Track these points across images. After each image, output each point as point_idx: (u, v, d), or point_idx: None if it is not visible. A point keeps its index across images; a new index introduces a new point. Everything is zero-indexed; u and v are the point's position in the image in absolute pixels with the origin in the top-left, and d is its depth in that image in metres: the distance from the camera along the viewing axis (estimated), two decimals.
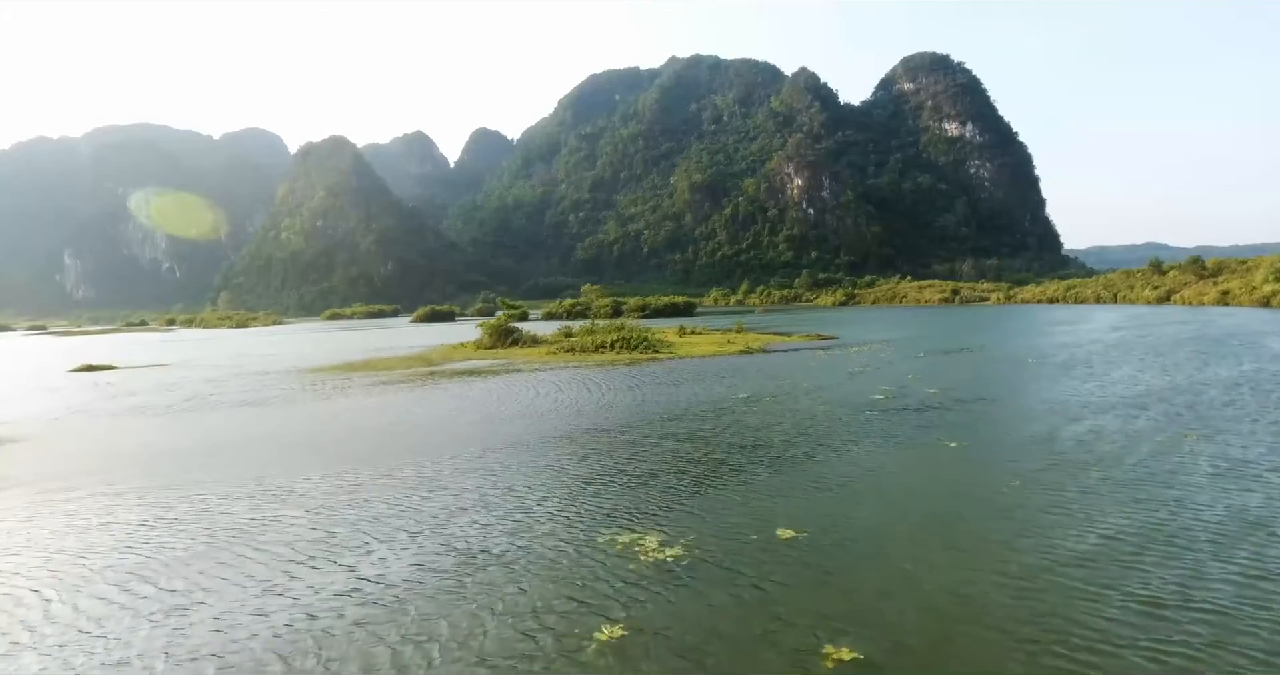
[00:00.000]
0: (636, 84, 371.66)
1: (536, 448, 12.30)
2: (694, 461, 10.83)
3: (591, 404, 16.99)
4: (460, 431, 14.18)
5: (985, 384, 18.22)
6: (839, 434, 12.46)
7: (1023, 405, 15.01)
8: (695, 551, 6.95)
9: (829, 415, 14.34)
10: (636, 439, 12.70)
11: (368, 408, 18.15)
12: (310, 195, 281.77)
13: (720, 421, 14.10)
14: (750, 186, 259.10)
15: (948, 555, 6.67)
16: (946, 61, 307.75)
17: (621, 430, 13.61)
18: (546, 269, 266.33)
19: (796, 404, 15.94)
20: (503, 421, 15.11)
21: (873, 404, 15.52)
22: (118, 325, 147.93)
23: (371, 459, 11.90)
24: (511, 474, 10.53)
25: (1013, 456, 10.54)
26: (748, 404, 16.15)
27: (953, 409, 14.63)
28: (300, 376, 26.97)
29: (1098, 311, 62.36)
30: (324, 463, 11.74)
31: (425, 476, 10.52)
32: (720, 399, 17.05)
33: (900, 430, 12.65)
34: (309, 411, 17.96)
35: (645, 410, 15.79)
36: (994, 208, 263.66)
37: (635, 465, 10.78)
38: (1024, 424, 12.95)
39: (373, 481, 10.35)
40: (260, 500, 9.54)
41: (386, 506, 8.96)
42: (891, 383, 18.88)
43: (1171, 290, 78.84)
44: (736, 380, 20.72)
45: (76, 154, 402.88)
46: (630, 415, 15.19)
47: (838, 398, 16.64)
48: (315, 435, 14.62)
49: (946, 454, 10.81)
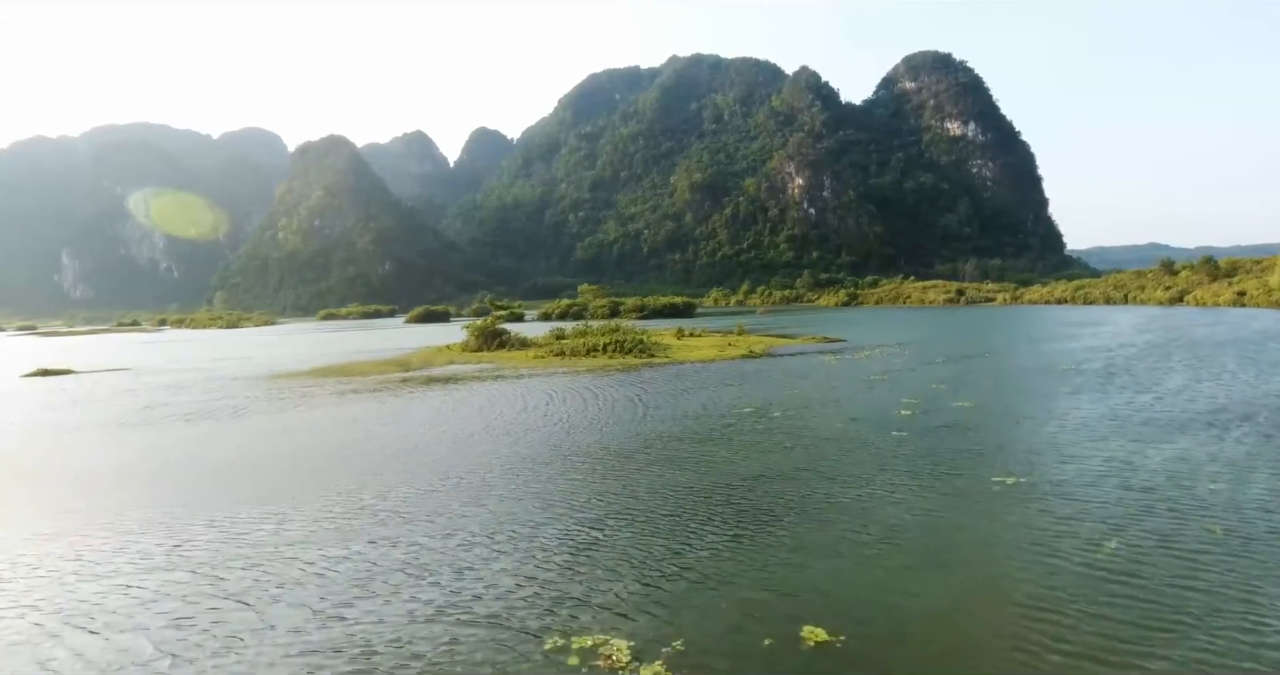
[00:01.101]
0: (637, 83, 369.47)
1: (498, 484, 10.08)
2: (689, 509, 8.60)
3: (573, 420, 14.78)
4: (413, 458, 11.97)
5: (1024, 396, 16.00)
6: (868, 465, 10.23)
7: (1077, 423, 12.79)
8: (683, 670, 4.75)
9: (852, 437, 12.12)
10: (619, 471, 10.48)
11: (323, 423, 15.95)
12: (308, 194, 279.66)
13: (723, 446, 11.87)
14: (751, 186, 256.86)
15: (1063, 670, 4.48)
16: (948, 60, 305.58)
17: (602, 457, 11.39)
18: (546, 269, 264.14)
19: (812, 421, 13.73)
20: (465, 443, 12.90)
21: (899, 421, 13.30)
22: (109, 325, 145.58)
23: (299, 492, 9.72)
24: (457, 523, 8.32)
25: (1093, 498, 8.34)
26: (755, 420, 13.94)
27: (995, 429, 12.41)
28: (266, 384, 24.78)
29: (1112, 313, 60.11)
30: (240, 497, 9.56)
31: (349, 524, 8.32)
32: (723, 414, 14.85)
33: (941, 459, 10.43)
34: (258, 427, 15.77)
35: (633, 428, 13.59)
36: (996, 207, 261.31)
37: (615, 513, 8.57)
38: (1088, 449, 10.74)
39: (280, 527, 8.17)
40: (120, 555, 7.35)
41: (272, 578, 6.73)
42: (915, 393, 16.68)
43: (1184, 291, 76.71)
44: (740, 389, 18.52)
45: (75, 153, 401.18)
46: (614, 436, 12.97)
47: (858, 412, 14.43)
48: (248, 458, 12.42)
49: (1008, 496, 8.59)
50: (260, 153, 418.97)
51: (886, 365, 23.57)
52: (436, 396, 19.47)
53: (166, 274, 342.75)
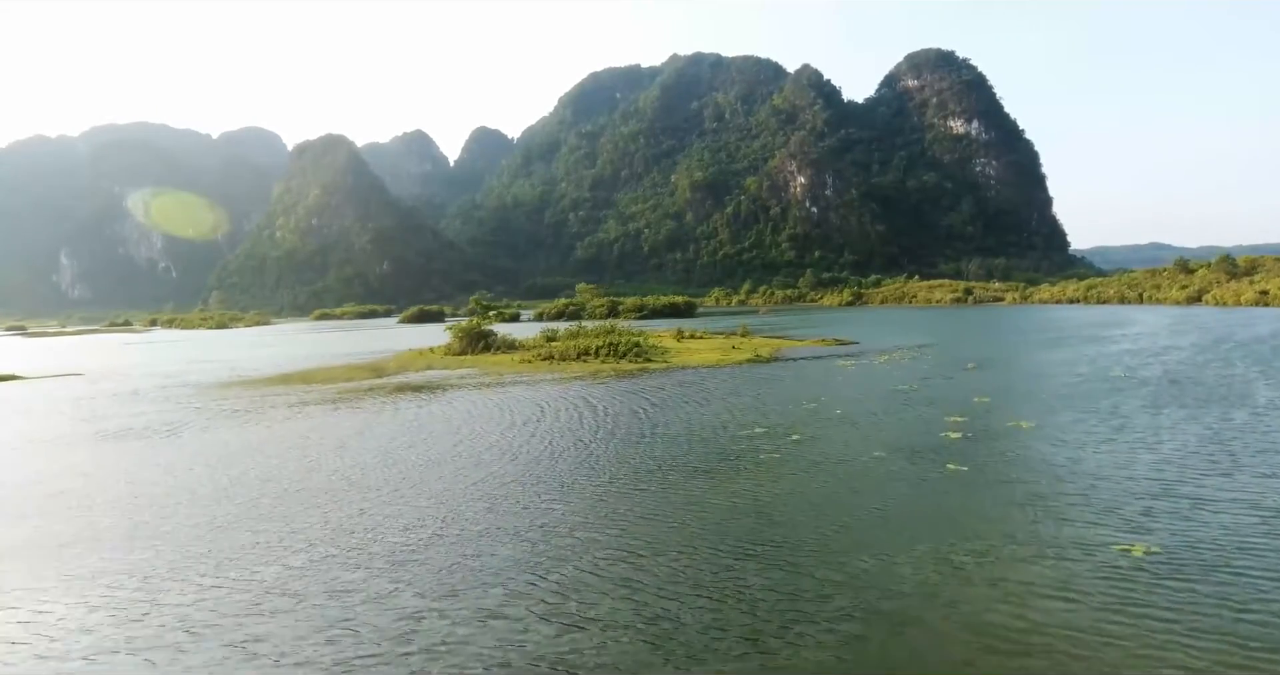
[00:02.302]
0: (637, 82, 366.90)
1: (420, 550, 7.55)
2: (682, 621, 6.05)
3: (550, 445, 12.23)
4: (350, 501, 9.43)
5: (1094, 414, 13.40)
6: (929, 523, 7.65)
7: (1181, 451, 10.19)
8: None
9: (897, 475, 9.55)
10: (584, 533, 7.94)
11: (264, 445, 13.42)
12: (305, 194, 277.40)
13: (727, 491, 9.30)
14: (752, 185, 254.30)
15: None
16: (951, 58, 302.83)
17: (566, 506, 8.86)
18: (546, 268, 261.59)
19: (839, 448, 11.16)
20: (423, 474, 10.37)
21: (950, 449, 10.75)
22: (102, 326, 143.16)
23: (170, 562, 7.20)
24: (380, 619, 5.77)
25: (1266, 573, 5.80)
26: (768, 447, 11.39)
27: (1080, 463, 9.82)
28: (223, 392, 22.28)
29: (1131, 312, 57.49)
30: (108, 554, 7.04)
31: (216, 623, 5.78)
32: (727, 439, 12.29)
33: (1028, 512, 7.82)
34: (188, 450, 13.25)
35: (613, 457, 11.04)
36: (1000, 206, 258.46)
37: (573, 625, 6.03)
38: (1218, 492, 8.17)
39: (112, 617, 5.64)
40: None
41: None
42: (957, 408, 14.13)
43: (1202, 290, 74.30)
44: (747, 402, 15.98)
45: (74, 153, 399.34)
46: (587, 471, 10.43)
47: (895, 436, 11.87)
48: (146, 499, 9.90)
49: (1146, 574, 6.04)
50: (260, 152, 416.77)
51: (912, 372, 21.01)
52: (404, 409, 16.94)
53: (165, 274, 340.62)
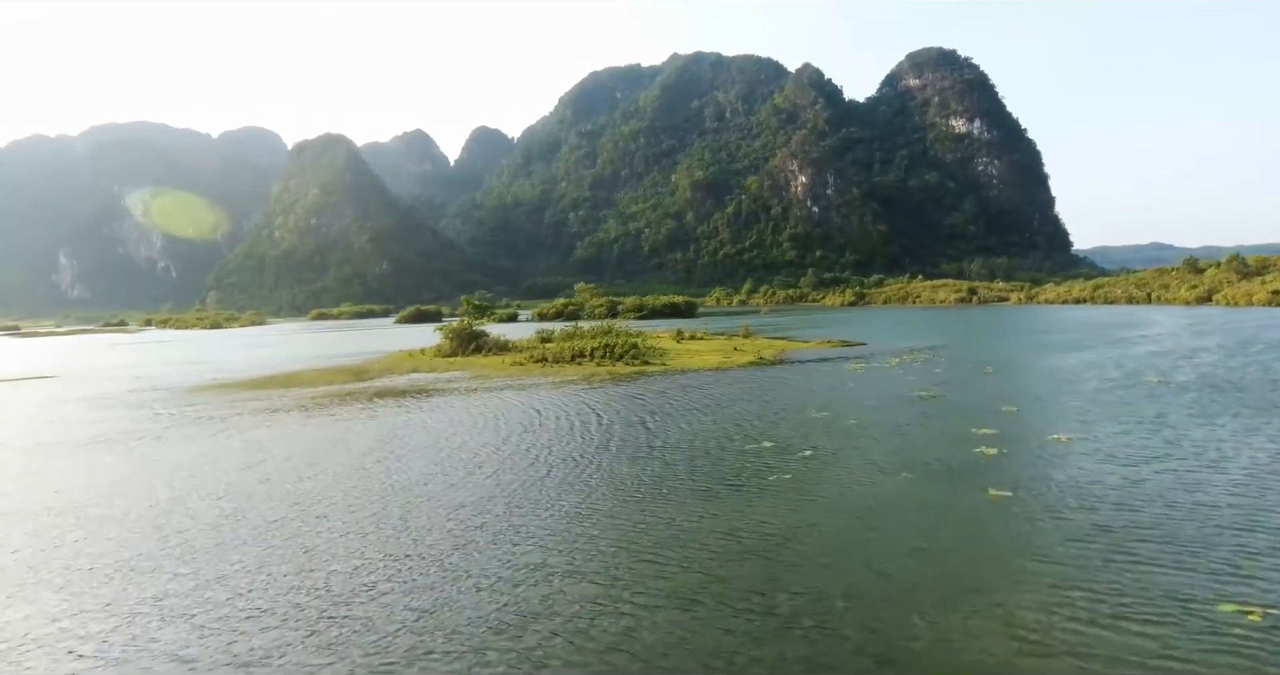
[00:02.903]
0: (638, 81, 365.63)
1: (366, 602, 6.22)
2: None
3: (522, 465, 10.92)
4: (276, 536, 8.12)
5: (1140, 425, 12.03)
6: (993, 571, 6.32)
7: (1260, 470, 8.89)
8: None
9: (929, 503, 8.21)
10: (564, 581, 6.61)
11: (217, 461, 12.11)
12: (304, 193, 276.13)
13: (733, 525, 7.97)
14: (753, 184, 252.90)
15: None
16: (953, 57, 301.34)
17: (546, 543, 7.54)
18: (546, 268, 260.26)
19: (858, 469, 9.83)
20: (390, 502, 9.05)
21: (987, 470, 9.41)
22: (96, 326, 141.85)
23: (34, 608, 5.89)
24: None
25: None
26: (777, 463, 10.07)
27: (1139, 485, 8.49)
28: (192, 397, 20.97)
29: (1142, 313, 56.12)
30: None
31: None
32: (731, 455, 10.96)
33: (1108, 558, 6.51)
34: (127, 464, 11.94)
35: (601, 479, 9.72)
36: (1002, 206, 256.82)
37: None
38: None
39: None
40: None
41: None
42: (984, 418, 12.79)
43: (1212, 290, 72.97)
44: (752, 410, 14.64)
45: (73, 152, 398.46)
46: (573, 497, 9.10)
47: (920, 452, 10.54)
48: (48, 523, 8.59)
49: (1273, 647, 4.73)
50: (259, 152, 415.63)
51: (926, 376, 19.67)
52: (380, 417, 15.62)
53: (164, 273, 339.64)
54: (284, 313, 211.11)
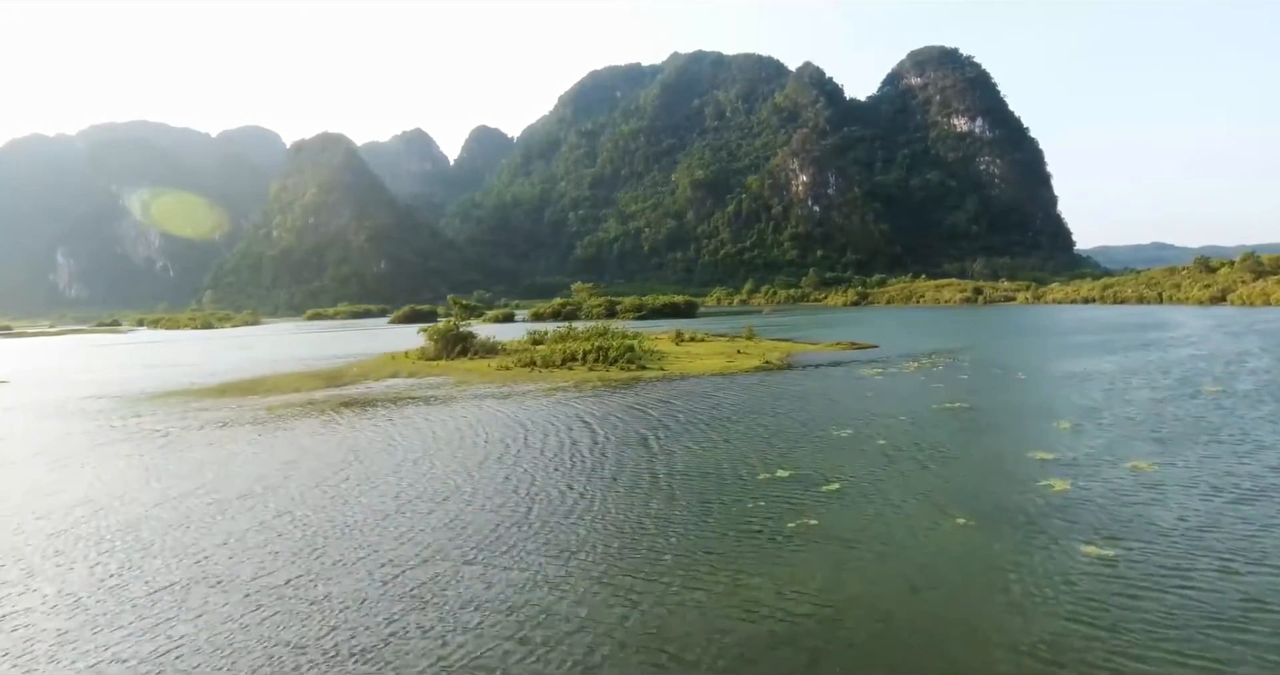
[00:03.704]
0: (638, 80, 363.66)
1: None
2: None
3: (487, 501, 9.02)
4: (171, 597, 6.23)
5: (1226, 445, 10.10)
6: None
7: None
8: None
9: (1012, 562, 6.30)
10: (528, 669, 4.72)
11: (131, 486, 10.22)
12: (302, 192, 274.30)
13: (747, 594, 6.06)
14: (754, 183, 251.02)
15: None
16: (955, 55, 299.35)
17: (509, 616, 5.64)
18: (545, 268, 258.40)
19: (901, 506, 7.92)
20: (297, 550, 7.16)
21: (1071, 513, 7.48)
22: (90, 326, 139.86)
23: None
24: None
25: None
26: (796, 500, 8.16)
27: (1276, 531, 6.62)
28: (149, 405, 19.11)
29: (1159, 313, 54.17)
30: None
31: None
32: (739, 489, 9.05)
33: (1250, 640, 4.64)
34: (20, 496, 10.07)
35: (579, 524, 7.82)
36: (1005, 205, 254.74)
37: None
38: None
39: None
40: None
41: None
42: (1039, 439, 10.91)
43: (1226, 289, 71.11)
44: (762, 427, 12.75)
45: (72, 151, 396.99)
46: (546, 550, 7.21)
47: (976, 485, 8.63)
48: None
49: None
50: (259, 151, 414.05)
51: (953, 384, 17.77)
52: (342, 432, 13.73)
53: (163, 273, 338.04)
54: (281, 312, 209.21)
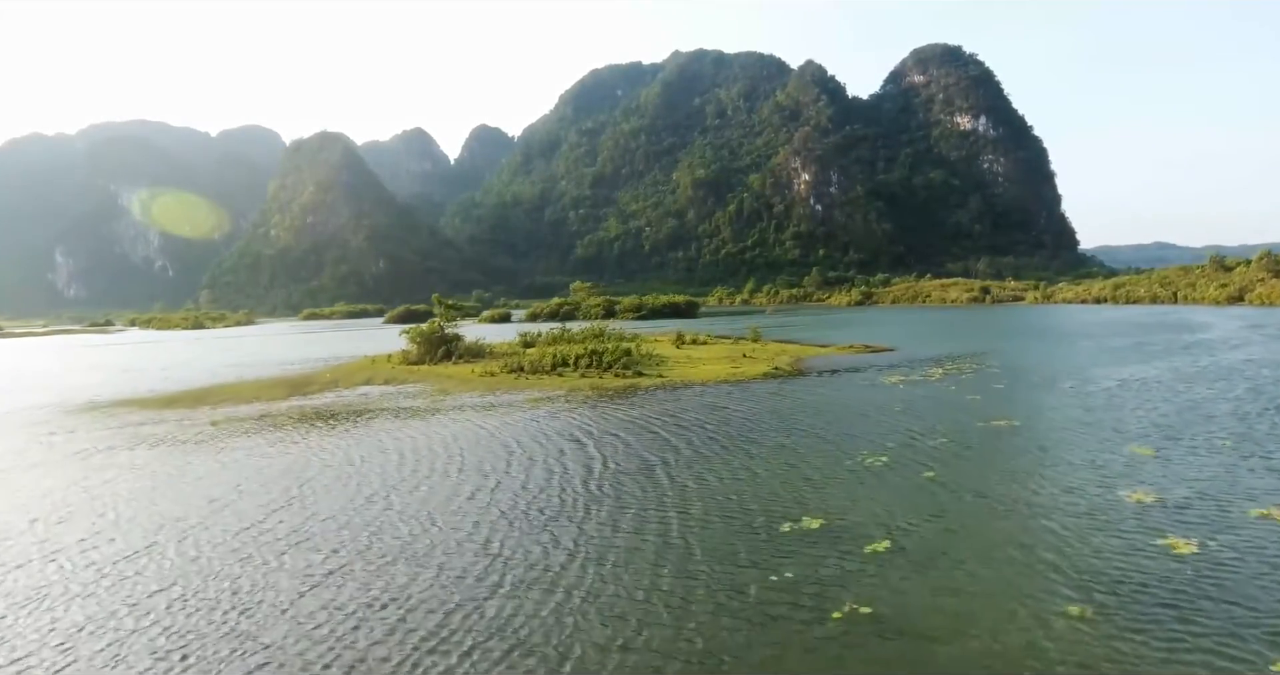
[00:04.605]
0: (639, 78, 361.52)
1: None
2: None
3: (452, 567, 6.98)
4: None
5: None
6: None
7: None
8: None
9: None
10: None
11: (2, 532, 8.21)
12: (300, 191, 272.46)
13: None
14: (755, 182, 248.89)
15: None
16: (958, 53, 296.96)
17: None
18: (545, 267, 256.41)
19: (986, 592, 5.87)
20: (163, 648, 5.13)
21: (1215, 591, 5.47)
22: (83, 326, 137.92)
23: None
24: None
25: None
26: (834, 570, 6.10)
27: None
28: (87, 418, 17.11)
29: (1180, 313, 52.04)
30: None
31: None
32: (754, 549, 6.96)
33: None
34: None
35: (574, 611, 5.78)
36: (1008, 204, 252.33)
37: None
38: None
39: None
40: None
41: None
42: (1121, 472, 8.87)
43: (1243, 289, 69.13)
44: (777, 452, 10.70)
45: (71, 151, 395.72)
46: (489, 656, 5.15)
47: (1070, 550, 6.53)
48: None
49: None
50: (258, 150, 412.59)
51: (988, 394, 15.71)
52: (292, 456, 11.71)
53: (161, 272, 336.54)
54: (279, 312, 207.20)
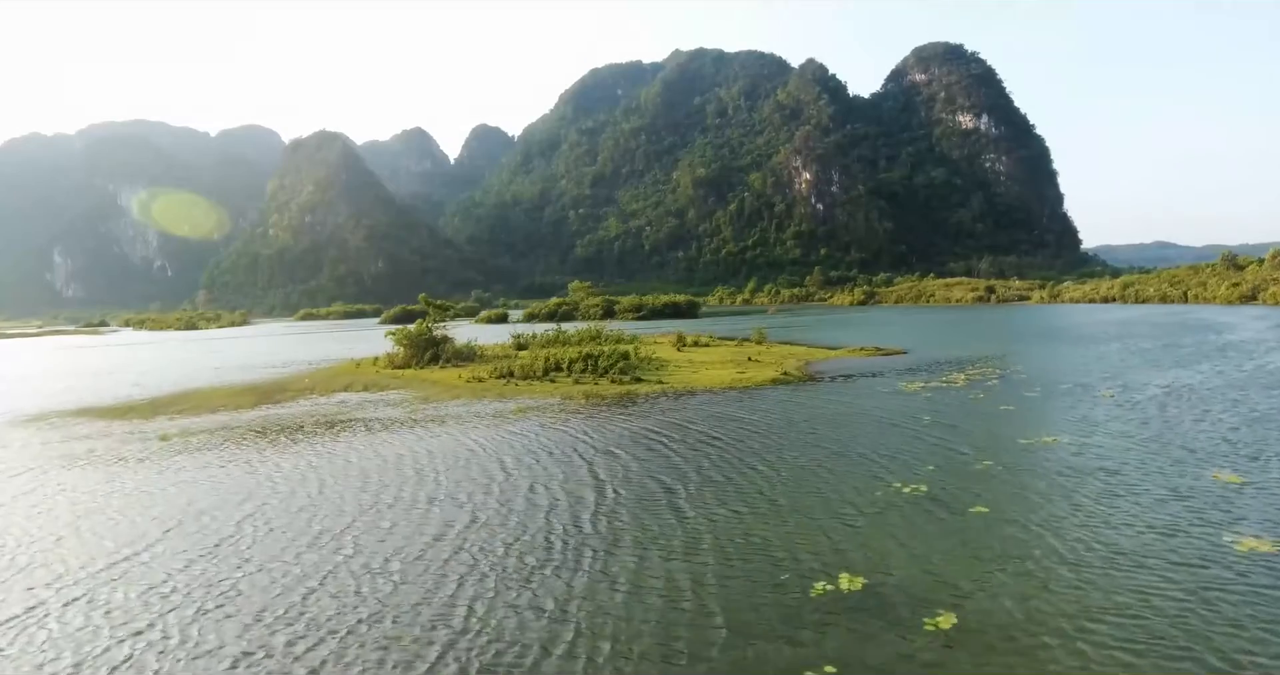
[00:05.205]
0: (639, 78, 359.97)
1: None
2: None
3: (412, 634, 5.49)
4: None
5: None
6: None
7: None
8: None
9: None
10: None
11: None
12: (299, 191, 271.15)
13: None
14: (756, 181, 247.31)
15: None
16: (960, 51, 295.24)
17: None
18: (545, 267, 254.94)
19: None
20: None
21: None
22: (78, 326, 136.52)
23: None
24: None
25: None
26: (898, 665, 4.66)
27: None
28: (15, 433, 15.66)
29: (1195, 312, 50.51)
30: None
31: None
32: (772, 626, 5.44)
33: None
34: None
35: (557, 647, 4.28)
36: (1010, 203, 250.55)
37: None
38: None
39: None
40: None
41: None
42: (1213, 506, 7.38)
43: (1257, 287, 67.81)
44: (796, 482, 9.22)
45: (70, 150, 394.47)
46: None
47: (1190, 626, 5.05)
48: None
49: None
50: (258, 150, 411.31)
51: (1020, 403, 14.23)
52: (240, 480, 10.23)
53: (160, 272, 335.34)
54: (277, 312, 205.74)
